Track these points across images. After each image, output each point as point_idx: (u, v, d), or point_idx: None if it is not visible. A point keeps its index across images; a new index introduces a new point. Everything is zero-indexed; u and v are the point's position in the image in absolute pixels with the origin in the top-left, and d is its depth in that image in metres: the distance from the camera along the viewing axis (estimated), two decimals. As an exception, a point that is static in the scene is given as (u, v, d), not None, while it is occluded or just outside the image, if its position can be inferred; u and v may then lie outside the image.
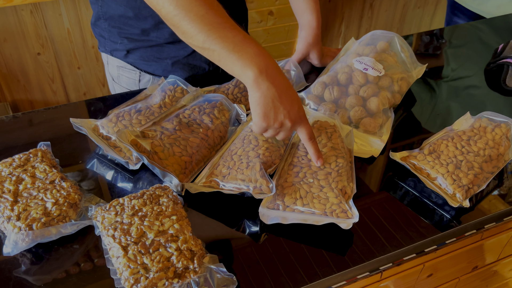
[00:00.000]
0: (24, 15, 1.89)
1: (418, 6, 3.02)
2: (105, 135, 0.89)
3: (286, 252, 0.73)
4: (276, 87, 0.73)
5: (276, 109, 0.74)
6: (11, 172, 0.77)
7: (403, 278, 0.81)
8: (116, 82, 1.21)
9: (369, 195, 0.85)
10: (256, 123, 0.77)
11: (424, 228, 0.78)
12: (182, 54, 1.11)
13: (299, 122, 0.77)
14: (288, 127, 0.76)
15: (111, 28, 1.10)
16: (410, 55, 1.11)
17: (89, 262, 0.70)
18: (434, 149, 0.87)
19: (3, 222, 0.71)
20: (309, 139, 0.79)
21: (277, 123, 0.75)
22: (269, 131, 0.78)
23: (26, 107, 2.15)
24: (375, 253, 0.73)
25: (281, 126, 0.76)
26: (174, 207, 0.72)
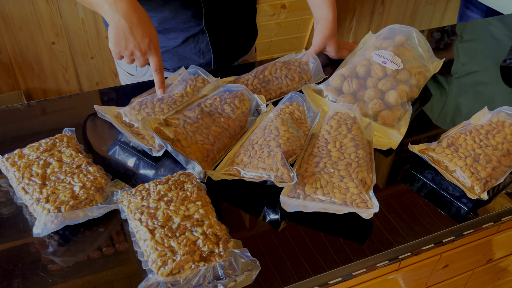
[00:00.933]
0: (40, 4, 1.90)
1: (430, 3, 3.01)
2: (128, 122, 0.91)
3: (306, 239, 0.75)
4: (128, 21, 0.86)
5: (127, 39, 0.87)
6: (38, 156, 0.79)
7: (420, 268, 0.82)
8: (119, 65, 1.24)
9: (387, 186, 0.87)
10: (111, 49, 0.89)
11: (442, 219, 0.80)
12: (172, 45, 1.12)
13: (149, 53, 0.90)
14: (138, 56, 0.89)
15: None
16: (427, 50, 1.12)
17: (114, 245, 0.72)
18: (453, 142, 0.88)
19: (32, 204, 0.72)
20: (155, 70, 0.92)
21: (128, 51, 0.89)
22: (124, 57, 0.91)
23: (40, 95, 2.18)
24: (394, 243, 0.75)
25: (132, 54, 0.89)
26: (198, 193, 0.74)
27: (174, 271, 0.63)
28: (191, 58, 1.15)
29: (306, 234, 0.76)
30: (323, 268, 0.70)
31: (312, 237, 0.75)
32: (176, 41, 1.12)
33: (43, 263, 0.69)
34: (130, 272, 0.68)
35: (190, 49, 1.14)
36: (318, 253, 0.73)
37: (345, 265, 0.71)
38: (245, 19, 1.22)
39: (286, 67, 1.06)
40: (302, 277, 0.69)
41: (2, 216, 0.75)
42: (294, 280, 0.68)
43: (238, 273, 0.66)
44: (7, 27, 1.91)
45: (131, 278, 0.67)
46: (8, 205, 0.77)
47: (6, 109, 0.98)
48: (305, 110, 0.93)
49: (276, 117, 0.88)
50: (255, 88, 1.01)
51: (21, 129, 0.93)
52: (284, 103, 0.92)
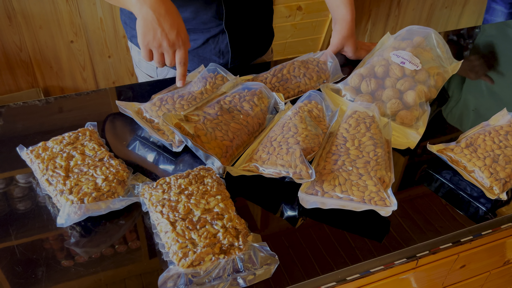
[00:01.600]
0: (60, 3, 1.94)
1: (446, 6, 3.00)
2: (149, 118, 0.92)
3: (324, 236, 0.75)
4: (155, 12, 0.85)
5: (155, 30, 0.86)
6: (61, 149, 0.81)
7: (437, 267, 0.82)
8: (138, 67, 1.25)
9: (405, 185, 0.87)
10: (139, 41, 0.88)
11: (460, 219, 0.80)
12: (192, 46, 1.13)
13: (177, 45, 0.89)
14: (166, 48, 0.88)
15: (131, 15, 1.15)
16: (446, 51, 1.12)
17: (135, 237, 0.73)
18: (471, 142, 0.88)
19: (56, 195, 0.74)
20: (179, 62, 0.91)
21: (155, 42, 0.87)
22: (154, 53, 0.89)
23: (57, 93, 2.21)
24: (412, 241, 0.75)
25: (160, 46, 0.88)
26: (218, 187, 0.75)
27: (194, 263, 0.64)
28: (211, 59, 1.16)
29: (324, 230, 0.77)
30: (341, 264, 0.71)
31: (329, 233, 0.76)
32: (197, 42, 1.13)
33: (66, 253, 0.70)
34: (150, 263, 0.69)
35: (210, 50, 1.15)
36: (336, 249, 0.73)
37: (363, 261, 0.71)
38: (263, 20, 1.23)
39: (304, 66, 1.06)
40: (319, 273, 0.69)
41: (27, 207, 0.77)
42: (311, 275, 0.69)
43: (257, 266, 0.66)
44: (28, 25, 1.95)
45: (152, 269, 0.68)
46: (32, 196, 0.79)
47: (25, 105, 1.00)
48: (323, 108, 0.93)
49: (294, 115, 0.89)
50: (273, 86, 1.02)
51: (43, 124, 0.95)
52: (302, 101, 0.93)
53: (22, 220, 0.75)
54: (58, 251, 0.70)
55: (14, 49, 1.99)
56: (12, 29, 1.93)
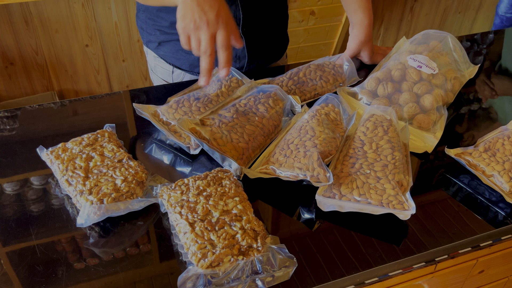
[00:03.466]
0: (76, 8, 1.96)
1: (459, 11, 2.99)
2: (165, 121, 0.93)
3: (341, 238, 0.75)
4: None
5: (193, 11, 0.79)
6: (81, 150, 0.81)
7: (456, 272, 0.82)
8: (154, 72, 1.26)
9: (422, 189, 0.86)
10: (177, 28, 0.82)
11: (478, 224, 0.79)
12: None
13: (216, 26, 0.80)
14: (204, 29, 0.80)
15: (147, 20, 1.15)
16: (463, 55, 1.11)
17: (154, 237, 0.74)
18: (490, 147, 0.87)
19: (76, 195, 0.75)
20: (221, 46, 0.82)
21: (193, 24, 0.80)
22: (191, 38, 0.82)
23: (72, 96, 2.23)
24: (430, 245, 0.74)
25: (197, 28, 0.80)
26: (236, 189, 0.75)
27: (213, 264, 0.64)
28: None
29: (341, 233, 0.76)
30: (359, 267, 0.70)
31: (347, 236, 0.76)
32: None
33: (85, 252, 0.71)
34: (169, 263, 0.70)
35: None
36: (354, 252, 0.73)
37: (382, 265, 0.71)
38: (279, 25, 1.24)
39: (320, 69, 1.07)
40: (337, 276, 0.69)
41: (47, 207, 0.78)
42: (329, 279, 0.69)
43: (275, 268, 0.66)
44: (44, 29, 1.97)
45: (170, 269, 0.69)
46: (52, 196, 0.80)
47: (41, 108, 1.01)
48: (340, 111, 0.93)
49: (312, 117, 0.89)
50: (289, 89, 1.02)
51: (60, 126, 0.96)
52: (319, 104, 0.93)
53: (42, 219, 0.75)
54: (77, 251, 0.71)
55: (30, 53, 2.02)
56: (29, 33, 1.96)
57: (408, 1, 2.75)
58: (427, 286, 0.82)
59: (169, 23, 1.11)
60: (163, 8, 1.09)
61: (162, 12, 1.10)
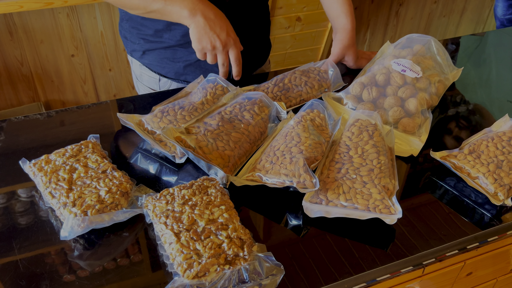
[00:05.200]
0: (60, 18, 1.95)
1: (444, 15, 3.02)
2: (150, 130, 0.92)
3: (329, 245, 0.75)
4: (206, 18, 0.95)
5: (207, 34, 0.95)
6: (64, 162, 0.80)
7: (444, 275, 0.82)
8: (139, 80, 1.25)
9: (409, 193, 0.86)
10: (194, 47, 0.98)
11: (465, 226, 0.79)
12: (194, 58, 1.14)
13: (229, 45, 0.98)
14: (219, 48, 0.97)
15: (131, 29, 1.15)
16: (446, 58, 1.12)
17: (139, 249, 0.73)
18: (474, 149, 0.88)
19: (59, 208, 0.74)
20: (234, 61, 1.01)
21: (210, 45, 0.97)
22: (208, 54, 0.99)
23: (58, 107, 2.22)
24: (418, 249, 0.74)
25: (214, 48, 0.97)
26: (222, 197, 0.74)
27: (199, 274, 0.64)
28: (212, 70, 1.16)
29: (329, 239, 0.76)
30: (347, 273, 0.70)
31: (334, 242, 0.76)
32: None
33: (69, 266, 0.70)
34: (155, 274, 0.69)
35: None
36: (341, 258, 0.72)
37: (369, 270, 0.71)
38: (261, 31, 1.24)
39: (305, 75, 1.07)
40: (325, 282, 0.69)
41: (30, 220, 0.76)
42: (317, 285, 0.68)
43: (262, 277, 0.66)
44: (29, 40, 1.96)
45: (157, 281, 0.68)
46: (35, 209, 0.78)
47: (26, 119, 1.00)
48: (326, 117, 0.93)
49: (297, 124, 0.89)
50: (275, 96, 1.02)
51: (45, 137, 0.95)
52: (305, 110, 0.93)
53: (26, 233, 0.74)
54: (61, 265, 0.70)
55: (15, 64, 2.00)
56: (13, 43, 1.94)
57: (393, 5, 2.78)
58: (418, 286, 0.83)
59: (153, 31, 1.11)
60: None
61: (147, 21, 1.10)
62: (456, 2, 2.98)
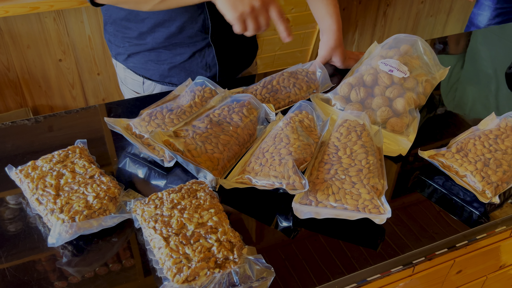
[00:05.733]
0: (47, 22, 1.94)
1: (431, 15, 3.04)
2: (138, 134, 0.91)
3: (319, 246, 0.75)
4: None
5: None
6: (51, 168, 0.80)
7: (434, 273, 0.82)
8: (124, 84, 1.25)
9: (398, 192, 0.87)
10: (231, 18, 0.85)
11: (454, 224, 0.80)
12: (179, 60, 1.14)
13: (268, 1, 0.85)
14: (258, 7, 0.84)
15: (116, 32, 1.14)
16: (433, 58, 1.13)
17: (128, 254, 0.72)
18: (462, 147, 0.89)
19: (46, 214, 0.73)
20: (279, 18, 0.88)
21: (247, 6, 0.83)
22: (248, 22, 0.85)
23: (46, 112, 2.19)
24: (408, 248, 0.74)
25: (253, 9, 0.84)
26: (211, 201, 0.74)
27: (189, 278, 0.63)
28: (197, 72, 1.16)
29: (319, 240, 0.76)
30: (337, 274, 0.70)
31: (325, 243, 0.75)
32: (183, 56, 1.14)
33: (58, 273, 0.69)
34: (145, 280, 0.68)
35: (197, 63, 1.15)
36: (332, 259, 0.72)
37: (359, 270, 0.71)
38: None
39: (293, 76, 1.07)
40: (316, 283, 0.69)
41: (17, 228, 0.75)
42: (309, 286, 0.68)
43: (253, 279, 0.66)
44: (16, 45, 1.94)
45: (146, 286, 0.67)
46: (22, 216, 0.77)
47: (14, 125, 0.99)
48: (314, 118, 0.93)
49: (286, 125, 0.89)
50: (264, 98, 1.02)
51: (33, 143, 0.94)
52: (293, 111, 0.93)
53: (12, 241, 0.73)
54: (50, 272, 0.69)
55: (1, 69, 1.98)
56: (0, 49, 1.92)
57: (381, 6, 2.79)
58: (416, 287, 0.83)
59: (137, 33, 1.11)
60: (131, 18, 1.08)
61: (131, 23, 1.10)
62: (443, 2, 3.00)
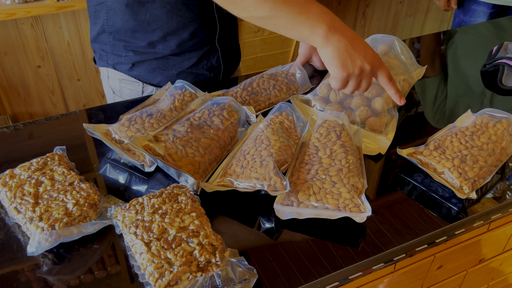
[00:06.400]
0: (24, 29, 1.91)
1: (409, 15, 3.09)
2: (118, 139, 0.91)
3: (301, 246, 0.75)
4: (346, 37, 0.77)
5: (352, 56, 0.77)
6: (30, 176, 0.79)
7: (415, 270, 0.83)
8: (118, 95, 1.22)
9: (378, 191, 0.88)
10: (336, 76, 0.80)
11: (434, 220, 0.81)
12: (187, 65, 1.14)
13: (377, 65, 0.81)
14: (368, 71, 0.80)
15: (115, 42, 1.11)
16: (410, 57, 1.15)
17: (110, 260, 0.72)
18: (439, 144, 0.90)
19: (25, 223, 0.72)
20: (389, 80, 0.84)
21: (357, 68, 0.79)
22: (351, 82, 0.81)
23: (26, 120, 2.16)
24: (389, 245, 0.75)
25: (362, 71, 0.79)
26: (192, 204, 0.74)
27: (171, 283, 0.63)
28: (202, 74, 1.17)
29: (301, 240, 0.77)
30: (319, 273, 0.71)
31: (307, 243, 0.76)
32: (191, 60, 1.14)
33: (39, 282, 0.68)
34: (127, 286, 0.68)
35: (203, 66, 1.16)
36: (314, 258, 0.73)
37: (341, 269, 0.71)
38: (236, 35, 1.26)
39: (273, 78, 1.07)
40: (299, 283, 0.69)
41: (-5, 237, 0.74)
42: (291, 286, 0.69)
43: (235, 281, 0.66)
44: (-8, 52, 1.91)
45: (128, 292, 0.67)
46: (0, 226, 0.76)
47: (-6, 132, 0.98)
48: (294, 119, 0.94)
49: (266, 127, 0.89)
50: (244, 100, 1.02)
51: (11, 152, 0.93)
52: (273, 113, 0.94)
53: (-9, 251, 0.72)
54: (30, 281, 0.68)
55: (-21, 77, 1.95)
56: (-24, 56, 1.90)
57: (360, 6, 2.82)
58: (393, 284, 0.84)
59: (146, 42, 1.09)
60: (140, 29, 1.06)
61: (139, 33, 1.08)
62: (421, 2, 3.05)
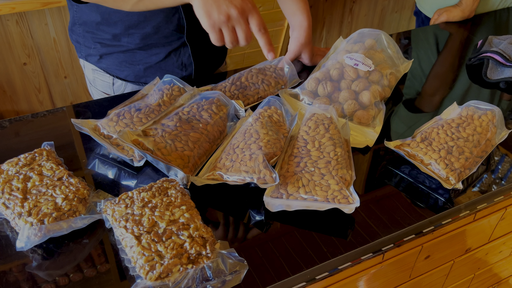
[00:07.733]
0: (9, 25, 1.89)
1: (396, 11, 3.11)
2: (106, 134, 0.91)
3: (291, 237, 0.76)
4: None
5: (217, 2, 0.76)
6: (18, 171, 0.78)
7: (403, 260, 0.84)
8: (93, 85, 1.23)
9: (366, 183, 0.89)
10: (204, 25, 0.78)
11: (421, 211, 0.82)
12: (154, 60, 1.13)
13: (248, 9, 0.78)
14: (235, 16, 0.77)
15: (85, 33, 1.13)
16: (396, 51, 1.16)
17: (100, 254, 0.72)
18: (426, 136, 0.91)
19: (14, 218, 0.71)
20: (259, 30, 0.80)
21: (222, 15, 0.76)
22: (224, 32, 0.78)
23: (12, 118, 2.14)
24: (377, 235, 0.76)
25: (229, 18, 0.77)
26: (182, 198, 0.74)
27: (162, 275, 0.63)
28: (173, 72, 1.16)
29: (291, 232, 0.77)
30: (309, 264, 0.71)
31: (296, 234, 0.77)
32: (159, 56, 1.13)
33: (28, 277, 0.68)
34: (118, 279, 0.68)
35: (173, 63, 1.15)
36: (303, 249, 0.74)
37: (330, 259, 0.72)
38: None
39: (262, 73, 1.08)
40: (289, 274, 0.70)
41: (-17, 233, 0.74)
42: (282, 277, 0.69)
43: (226, 273, 0.66)
44: (-23, 49, 1.89)
45: (120, 285, 0.67)
46: (-12, 222, 0.76)
47: (-20, 129, 0.97)
48: (283, 113, 0.95)
49: (255, 121, 0.90)
50: (233, 95, 1.02)
51: (-2, 147, 0.92)
52: (262, 107, 0.94)
53: (-21, 247, 0.72)
54: (19, 277, 0.68)
55: (-37, 75, 1.92)
56: (-40, 54, 1.87)
57: (347, 3, 2.84)
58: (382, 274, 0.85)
59: (111, 35, 1.09)
60: (103, 21, 1.07)
61: (103, 25, 1.08)
62: (407, -2, 3.08)
